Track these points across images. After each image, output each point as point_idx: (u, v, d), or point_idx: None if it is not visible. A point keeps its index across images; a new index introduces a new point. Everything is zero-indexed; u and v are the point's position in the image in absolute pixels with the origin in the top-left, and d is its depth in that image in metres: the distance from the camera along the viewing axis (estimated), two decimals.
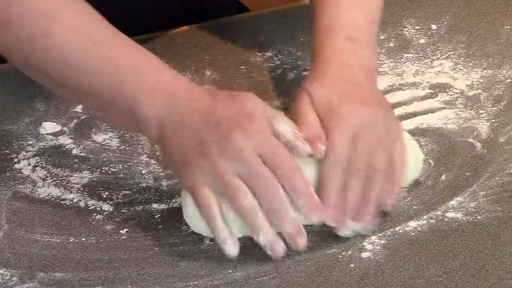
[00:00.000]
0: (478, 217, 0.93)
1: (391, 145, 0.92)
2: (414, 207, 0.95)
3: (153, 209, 0.96)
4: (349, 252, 0.89)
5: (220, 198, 0.87)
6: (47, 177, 1.00)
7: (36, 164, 1.02)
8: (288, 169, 0.86)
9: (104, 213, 0.95)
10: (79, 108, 1.10)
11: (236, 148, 0.85)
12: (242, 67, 1.18)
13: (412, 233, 0.91)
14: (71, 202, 0.97)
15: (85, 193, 0.98)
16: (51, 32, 0.88)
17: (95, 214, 0.95)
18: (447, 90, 1.12)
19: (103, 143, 1.05)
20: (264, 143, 0.86)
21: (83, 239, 0.92)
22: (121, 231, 0.93)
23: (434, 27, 1.24)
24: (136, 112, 0.88)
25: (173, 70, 0.91)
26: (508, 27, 1.24)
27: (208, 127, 0.86)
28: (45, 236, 0.93)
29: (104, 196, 0.98)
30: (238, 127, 0.85)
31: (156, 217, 0.95)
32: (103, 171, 1.01)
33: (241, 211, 0.86)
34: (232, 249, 0.87)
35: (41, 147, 1.05)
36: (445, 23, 1.25)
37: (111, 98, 0.89)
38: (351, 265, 0.88)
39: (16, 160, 1.02)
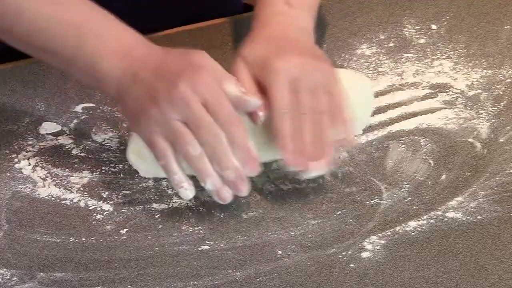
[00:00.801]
0: (478, 217, 0.93)
1: (331, 88, 0.95)
2: (414, 207, 0.95)
3: (153, 209, 0.96)
4: (349, 252, 0.89)
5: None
6: (47, 177, 1.00)
7: (36, 164, 1.02)
8: (230, 119, 0.91)
9: (104, 213, 0.95)
10: (79, 108, 1.10)
11: (183, 96, 0.90)
12: None
13: (412, 233, 0.91)
14: (71, 202, 0.97)
15: (85, 193, 0.98)
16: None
17: (95, 214, 0.95)
18: (447, 90, 1.12)
19: (103, 143, 1.05)
20: (210, 93, 0.91)
21: (83, 239, 0.92)
22: (121, 231, 0.93)
23: (434, 27, 1.24)
24: (96, 71, 0.94)
25: (132, 30, 0.97)
26: (508, 27, 1.24)
27: (158, 77, 0.92)
28: (45, 236, 0.93)
29: (104, 196, 0.98)
30: (186, 77, 0.91)
31: (156, 217, 0.95)
32: (103, 171, 1.01)
33: (189, 158, 0.91)
34: (187, 192, 0.92)
35: (41, 147, 1.05)
36: (445, 23, 1.25)
37: (73, 58, 0.96)
38: (351, 265, 0.88)
39: (16, 160, 1.03)
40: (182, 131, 0.90)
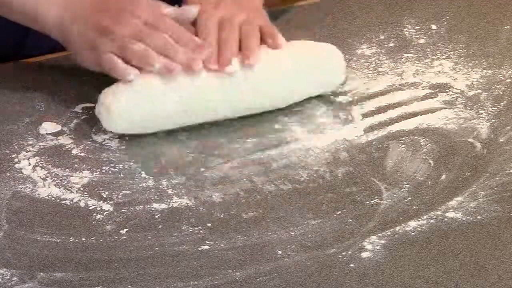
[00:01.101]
0: (478, 217, 0.93)
1: (265, 17, 1.11)
2: (414, 207, 0.95)
3: (153, 209, 0.96)
4: (349, 252, 0.89)
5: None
6: (47, 177, 1.00)
7: (36, 164, 1.02)
8: (174, 27, 1.05)
9: (104, 213, 0.95)
10: (79, 108, 1.11)
11: (128, 20, 1.04)
12: None
13: (412, 233, 0.91)
14: (71, 202, 0.97)
15: (85, 193, 0.98)
16: None
17: (95, 214, 0.95)
18: (447, 90, 1.12)
19: (103, 143, 1.05)
20: (151, 14, 1.05)
21: (83, 239, 0.92)
22: (121, 231, 0.93)
23: (434, 27, 1.24)
24: (37, 18, 1.09)
25: None
26: (508, 27, 1.24)
27: (102, 12, 1.05)
28: (45, 236, 0.92)
29: (104, 196, 0.98)
30: (127, 6, 1.05)
31: (156, 217, 0.95)
32: (103, 171, 1.01)
33: (135, 55, 1.03)
34: (134, 71, 1.03)
35: (41, 147, 1.05)
36: (445, 23, 1.25)
37: (16, 7, 1.10)
38: (351, 265, 0.88)
39: (16, 160, 1.02)
40: (130, 40, 1.03)
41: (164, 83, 1.03)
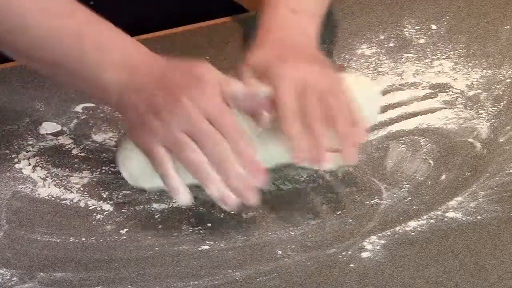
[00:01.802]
0: (478, 217, 0.93)
1: (338, 92, 0.94)
2: (414, 207, 0.95)
3: (153, 209, 0.96)
4: (349, 252, 0.89)
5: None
6: (47, 177, 1.00)
7: (36, 164, 1.02)
8: (233, 130, 0.90)
9: (104, 213, 0.95)
10: (79, 108, 1.10)
11: (185, 109, 0.89)
12: None
13: (412, 233, 0.91)
14: (71, 202, 0.97)
15: (85, 193, 0.98)
16: (12, 10, 0.93)
17: (95, 214, 0.95)
18: (447, 90, 1.12)
19: (103, 143, 1.05)
20: (212, 106, 0.90)
21: (83, 239, 0.92)
22: (121, 231, 0.93)
23: (434, 27, 1.24)
24: (98, 82, 0.94)
25: (135, 41, 0.96)
26: (508, 27, 1.24)
27: (160, 90, 0.91)
28: (45, 236, 0.93)
29: (104, 196, 0.98)
30: (188, 90, 0.90)
31: (156, 217, 0.95)
32: (103, 171, 1.01)
33: (189, 164, 0.89)
34: (183, 197, 0.90)
35: (41, 147, 1.05)
36: (445, 23, 1.25)
37: (76, 70, 0.95)
38: (351, 265, 0.88)
39: (16, 160, 1.03)
40: (184, 139, 0.89)
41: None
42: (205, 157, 0.89)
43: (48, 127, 1.07)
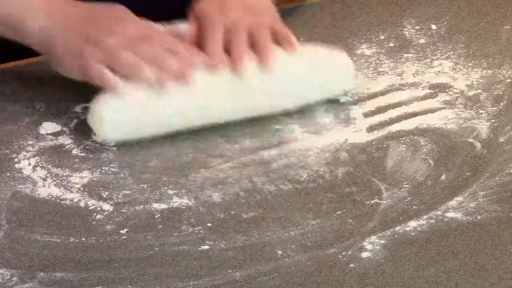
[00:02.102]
0: (478, 217, 0.93)
1: (275, 18, 1.08)
2: (414, 207, 0.95)
3: (153, 209, 0.96)
4: (349, 252, 0.89)
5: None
6: (47, 177, 1.00)
7: (36, 164, 1.02)
8: (166, 38, 1.03)
9: (104, 213, 0.95)
10: (79, 108, 1.11)
11: (118, 31, 1.02)
12: None
13: (412, 233, 0.91)
14: (71, 202, 0.97)
15: (85, 193, 0.98)
16: None
17: (95, 214, 0.95)
18: (447, 90, 1.12)
19: (103, 143, 1.05)
20: (143, 28, 1.04)
21: (83, 239, 0.92)
22: (121, 231, 0.93)
23: (434, 27, 1.24)
24: (23, 27, 1.06)
25: None
26: (508, 27, 1.24)
27: (88, 24, 1.03)
28: (45, 236, 0.93)
29: (104, 196, 0.98)
30: (116, 21, 1.03)
31: (156, 217, 0.95)
32: (103, 171, 1.01)
33: (124, 65, 1.00)
34: (119, 84, 1.01)
35: (41, 147, 1.05)
36: (445, 23, 1.25)
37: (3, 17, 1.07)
38: (351, 265, 0.88)
39: (16, 160, 1.03)
40: (119, 49, 1.00)
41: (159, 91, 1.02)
42: (140, 59, 1.00)
43: (48, 127, 1.07)
